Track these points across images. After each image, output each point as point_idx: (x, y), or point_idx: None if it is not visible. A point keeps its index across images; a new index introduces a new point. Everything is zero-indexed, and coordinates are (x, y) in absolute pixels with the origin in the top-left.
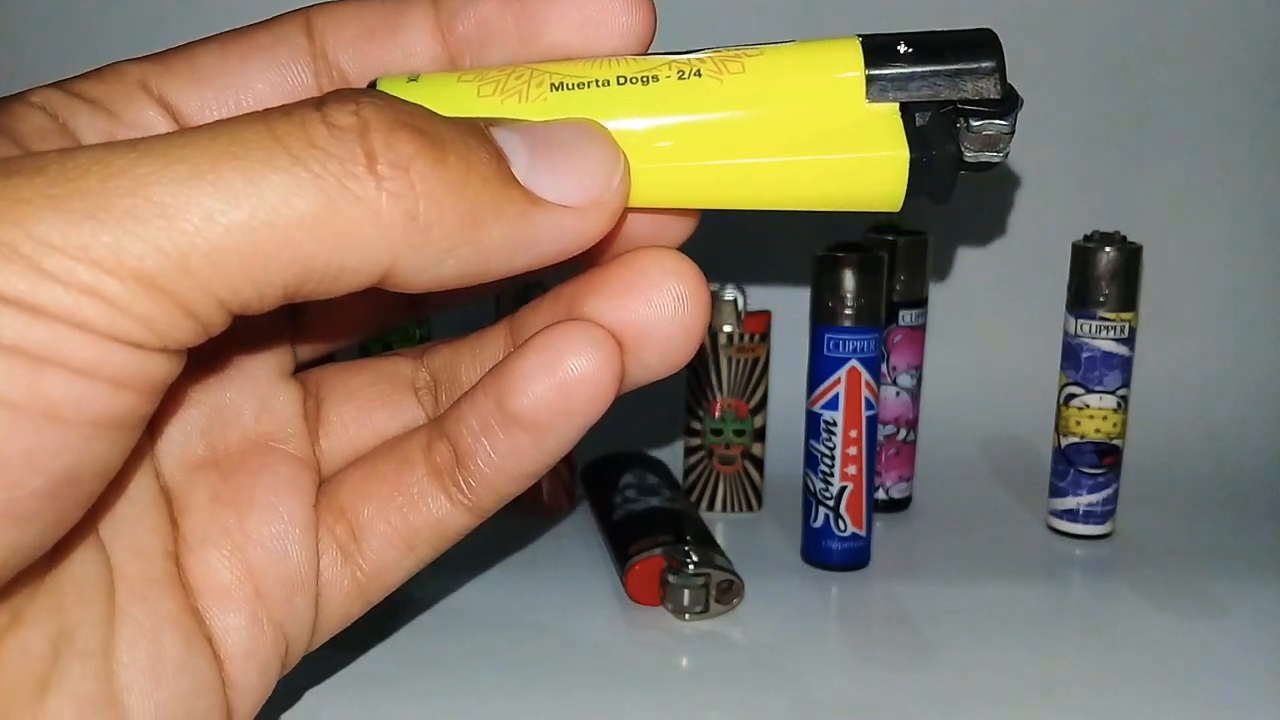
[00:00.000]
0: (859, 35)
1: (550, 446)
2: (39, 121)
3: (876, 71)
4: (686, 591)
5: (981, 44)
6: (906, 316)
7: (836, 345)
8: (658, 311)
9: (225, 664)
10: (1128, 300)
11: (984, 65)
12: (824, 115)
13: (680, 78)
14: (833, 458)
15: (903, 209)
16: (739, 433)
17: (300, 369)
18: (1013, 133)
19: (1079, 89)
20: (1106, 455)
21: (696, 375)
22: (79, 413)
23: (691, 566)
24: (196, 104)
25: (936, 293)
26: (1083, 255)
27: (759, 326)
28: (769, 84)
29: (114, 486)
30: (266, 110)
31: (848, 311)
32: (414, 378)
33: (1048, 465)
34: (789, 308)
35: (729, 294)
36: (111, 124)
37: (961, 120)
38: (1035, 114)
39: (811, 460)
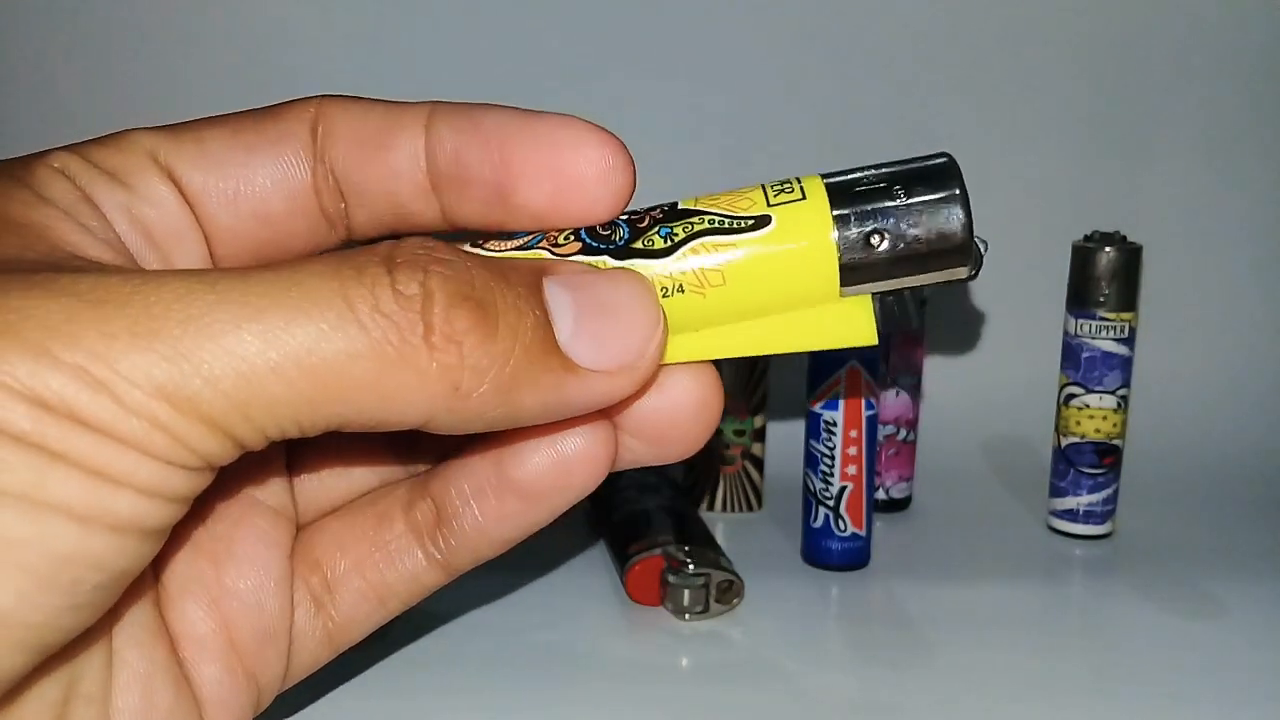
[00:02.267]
0: (833, 218)
1: (538, 517)
2: (64, 189)
3: (851, 274)
4: (686, 591)
5: (952, 225)
6: None
7: None
8: (671, 411)
9: (204, 710)
10: (1127, 300)
11: (955, 248)
12: (803, 313)
13: (664, 295)
14: (833, 458)
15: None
16: (739, 433)
17: None
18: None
19: (1079, 89)
20: (1106, 455)
21: None
22: (138, 525)
23: (691, 566)
24: (200, 183)
25: (937, 293)
26: (1083, 255)
27: None
28: (750, 294)
29: None
30: (340, 262)
31: None
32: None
33: (1048, 465)
34: None
35: None
36: (129, 197)
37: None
38: (1036, 114)
39: (811, 460)
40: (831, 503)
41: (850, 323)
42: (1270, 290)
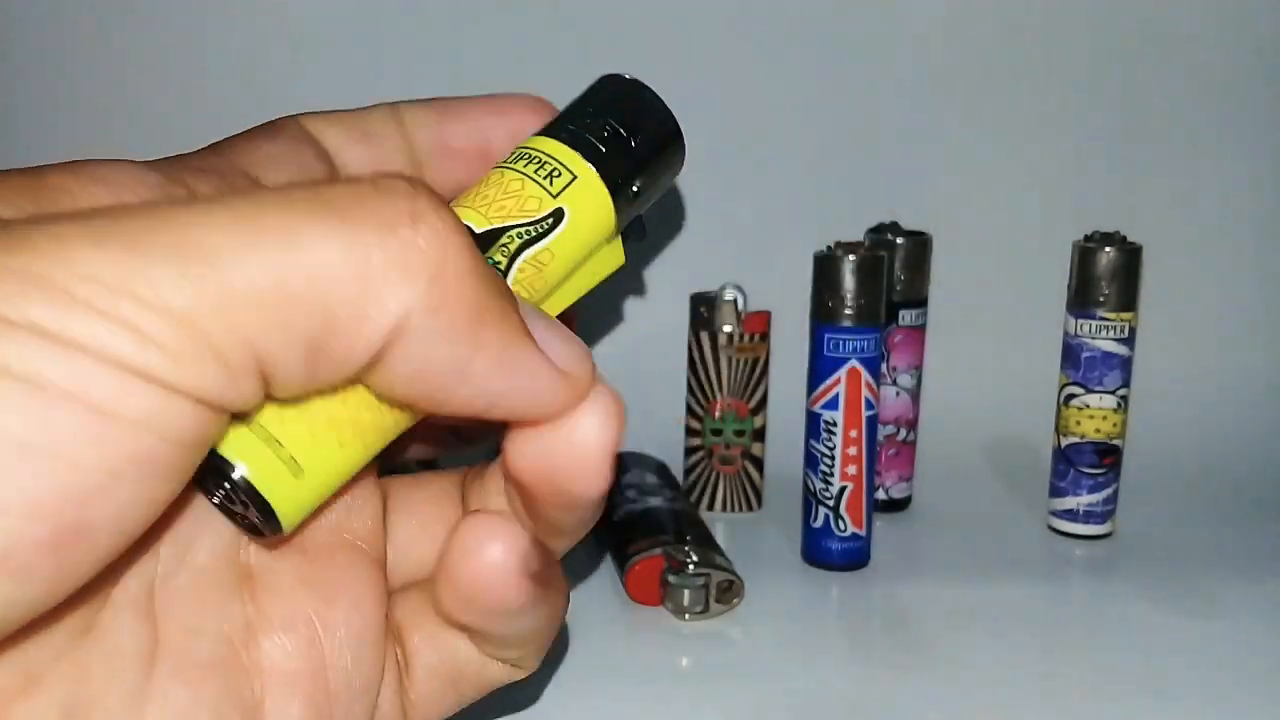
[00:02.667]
0: (606, 189)
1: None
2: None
3: (621, 220)
4: (686, 591)
5: (678, 145)
6: (906, 316)
7: (836, 345)
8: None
9: None
10: (1128, 300)
11: (680, 157)
12: (590, 261)
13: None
14: (833, 458)
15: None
16: (739, 433)
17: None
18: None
19: (1078, 89)
20: (1106, 455)
21: (696, 375)
22: (93, 456)
23: (691, 566)
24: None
25: (936, 293)
26: (1083, 255)
27: (759, 326)
28: (565, 265)
29: (182, 558)
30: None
31: (848, 311)
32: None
33: (1048, 465)
34: (789, 308)
35: (729, 294)
36: None
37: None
38: (1035, 114)
39: (811, 460)
40: (831, 503)
41: (615, 254)
42: (1270, 290)
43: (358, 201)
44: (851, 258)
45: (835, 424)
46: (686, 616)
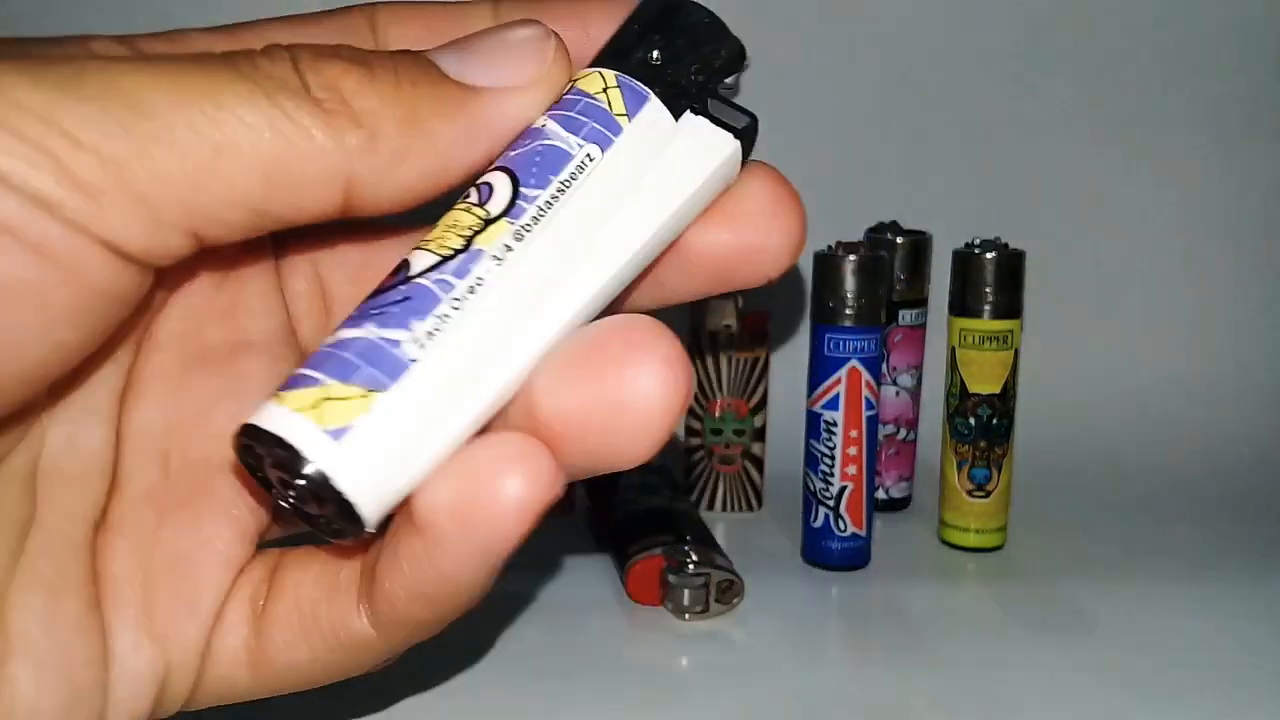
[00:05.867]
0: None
1: (443, 562)
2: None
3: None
4: (686, 591)
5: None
6: (906, 316)
7: (836, 345)
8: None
9: (110, 663)
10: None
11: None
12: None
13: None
14: (833, 458)
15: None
16: (739, 433)
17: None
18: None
19: (1083, 89)
20: None
21: (696, 375)
22: None
23: (691, 566)
24: None
25: (936, 293)
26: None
27: (759, 326)
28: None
29: (64, 436)
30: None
31: (848, 311)
32: None
33: None
34: (789, 308)
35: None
36: None
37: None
38: (1036, 114)
39: (811, 460)
40: (831, 503)
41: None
42: (1270, 290)
43: (255, 66)
44: (852, 258)
45: (835, 424)
46: (686, 616)
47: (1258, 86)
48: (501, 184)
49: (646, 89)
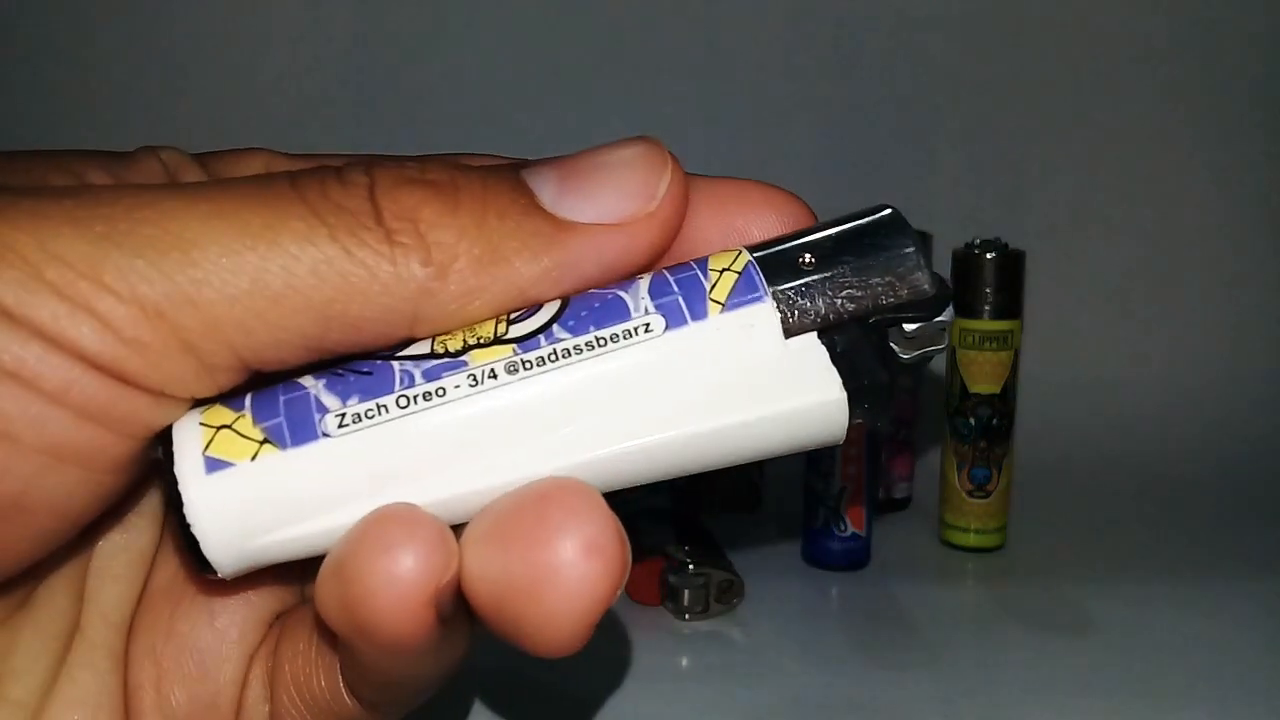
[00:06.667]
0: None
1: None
2: (157, 168)
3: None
4: (686, 591)
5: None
6: None
7: None
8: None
9: None
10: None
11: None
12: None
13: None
14: (833, 458)
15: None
16: None
17: None
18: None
19: (1090, 89)
20: None
21: None
22: (34, 438)
23: (691, 566)
24: None
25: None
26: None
27: None
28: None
29: (118, 538)
30: (295, 170)
31: None
32: None
33: None
34: None
35: None
36: None
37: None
38: (1036, 114)
39: (811, 460)
40: (831, 503)
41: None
42: (1270, 290)
43: (324, 194)
44: None
45: None
46: (686, 616)
47: (1258, 87)
48: (547, 310)
49: (765, 288)
